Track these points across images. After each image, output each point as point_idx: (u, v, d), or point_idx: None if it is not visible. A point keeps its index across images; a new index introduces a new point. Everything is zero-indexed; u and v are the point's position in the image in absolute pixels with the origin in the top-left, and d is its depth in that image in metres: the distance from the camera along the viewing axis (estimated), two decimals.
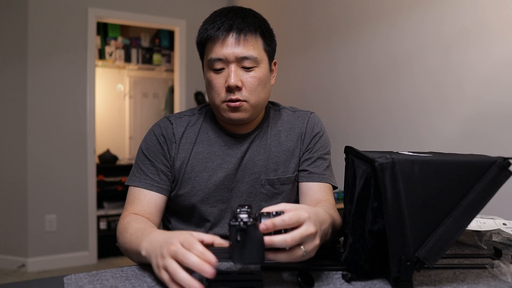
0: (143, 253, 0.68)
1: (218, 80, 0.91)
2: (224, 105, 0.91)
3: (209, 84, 0.93)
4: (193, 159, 0.96)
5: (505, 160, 0.62)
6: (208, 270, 0.55)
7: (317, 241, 0.62)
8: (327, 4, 2.30)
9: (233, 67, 0.89)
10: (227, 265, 0.72)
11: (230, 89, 0.89)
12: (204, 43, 0.93)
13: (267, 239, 0.58)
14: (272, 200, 1.00)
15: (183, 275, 0.56)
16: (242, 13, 0.92)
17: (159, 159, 0.96)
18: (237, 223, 0.57)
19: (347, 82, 2.12)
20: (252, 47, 0.90)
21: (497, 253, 0.81)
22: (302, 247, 0.60)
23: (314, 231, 0.60)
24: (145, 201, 0.92)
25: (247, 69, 0.90)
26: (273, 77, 1.01)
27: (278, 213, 0.61)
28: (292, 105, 1.15)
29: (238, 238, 0.57)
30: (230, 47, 0.88)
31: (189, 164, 0.96)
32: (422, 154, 0.69)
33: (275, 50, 1.00)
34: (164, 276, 0.59)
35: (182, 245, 0.59)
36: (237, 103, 0.89)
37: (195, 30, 3.61)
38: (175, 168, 0.96)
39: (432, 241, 0.61)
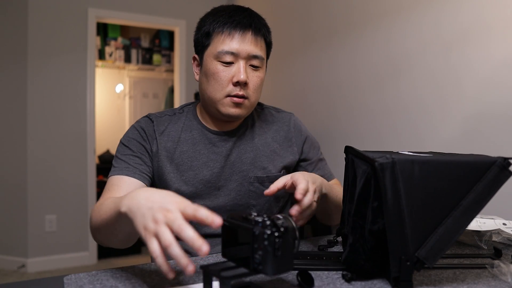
0: (123, 209, 0.60)
1: (225, 73, 0.91)
2: (227, 100, 0.92)
3: (212, 76, 0.92)
4: (178, 159, 0.96)
5: (505, 160, 0.62)
6: (204, 249, 0.50)
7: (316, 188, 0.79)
8: (326, 4, 2.30)
9: (243, 63, 0.91)
10: None
11: (238, 84, 0.91)
12: (213, 33, 0.93)
13: (297, 208, 0.74)
14: (261, 198, 1.00)
15: (177, 250, 0.51)
16: (256, 15, 0.96)
17: (142, 151, 0.95)
18: (270, 230, 0.51)
19: (347, 82, 2.12)
20: (261, 48, 0.94)
21: (497, 253, 0.81)
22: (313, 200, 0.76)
23: (307, 183, 0.76)
24: (124, 187, 0.87)
25: (254, 68, 0.93)
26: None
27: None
28: (292, 105, 1.17)
29: (276, 247, 0.51)
30: (246, 43, 0.91)
31: (173, 164, 0.96)
32: (422, 154, 0.69)
33: (269, 54, 1.04)
34: (154, 245, 0.53)
35: (183, 211, 0.54)
36: (241, 99, 0.91)
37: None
38: (156, 165, 0.96)
39: (432, 241, 0.61)
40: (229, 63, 0.91)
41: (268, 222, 0.52)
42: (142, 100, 4.61)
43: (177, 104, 3.61)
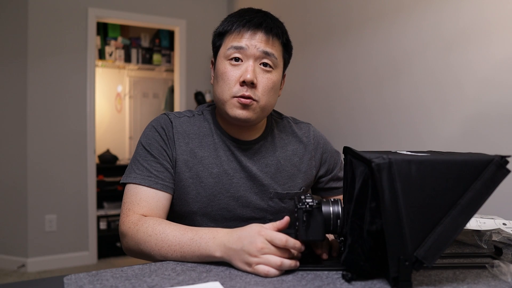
0: (218, 254, 0.71)
1: (233, 73, 0.87)
2: (234, 100, 0.87)
3: (221, 76, 0.89)
4: (198, 164, 0.92)
5: (502, 158, 0.62)
6: (295, 265, 0.69)
7: None
8: (325, 4, 2.30)
9: (251, 62, 0.87)
10: None
11: (245, 84, 0.87)
12: (224, 33, 0.91)
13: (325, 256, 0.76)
14: (278, 214, 0.98)
15: (288, 263, 0.67)
16: (271, 16, 0.93)
17: (163, 156, 0.91)
18: (303, 206, 0.68)
19: (346, 82, 2.12)
20: (275, 48, 0.90)
21: (498, 252, 0.81)
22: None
23: None
24: (153, 203, 0.87)
25: (265, 67, 0.89)
26: (281, 89, 0.99)
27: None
28: (291, 105, 1.16)
29: (304, 219, 0.68)
30: (255, 41, 0.87)
31: (194, 169, 0.92)
32: (420, 153, 0.69)
33: (289, 62, 1.00)
34: (264, 269, 0.66)
35: (272, 243, 0.68)
36: (248, 100, 0.87)
37: (195, 30, 3.62)
38: (175, 170, 0.92)
39: (431, 240, 0.61)
40: (237, 60, 0.88)
41: (305, 201, 0.69)
42: (142, 99, 4.61)
43: (177, 104, 3.61)
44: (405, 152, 0.71)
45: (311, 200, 0.69)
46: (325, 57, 2.30)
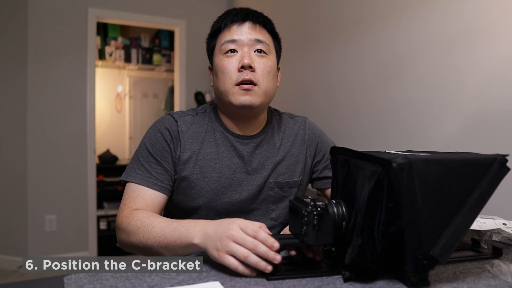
0: (196, 241, 0.71)
1: (230, 63, 0.92)
2: (236, 89, 0.91)
3: (220, 70, 0.93)
4: (201, 160, 0.95)
5: (503, 157, 0.64)
6: (276, 258, 0.64)
7: None
8: (331, 2, 2.30)
9: (246, 49, 0.92)
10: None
11: (243, 69, 0.90)
12: (217, 33, 0.97)
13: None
14: (280, 203, 1.01)
15: (255, 258, 0.64)
16: (254, 10, 0.98)
17: (164, 157, 0.93)
18: (314, 209, 0.64)
19: (352, 80, 2.12)
20: (264, 36, 0.95)
21: (498, 252, 0.81)
22: None
23: None
24: (149, 200, 0.90)
25: (260, 53, 0.93)
26: (278, 81, 1.03)
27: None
28: (297, 103, 1.18)
29: (315, 222, 0.64)
30: (245, 32, 0.93)
31: (197, 165, 0.94)
32: (420, 153, 0.69)
33: (280, 54, 1.03)
34: (230, 260, 0.65)
35: (244, 231, 0.66)
36: (249, 86, 0.90)
37: (195, 30, 3.61)
38: (180, 168, 0.94)
39: (445, 238, 0.62)
40: (233, 52, 0.92)
41: (312, 204, 0.65)
42: (142, 100, 4.61)
43: (177, 104, 3.61)
44: (405, 153, 0.70)
45: (321, 202, 0.66)
46: (330, 55, 2.29)
